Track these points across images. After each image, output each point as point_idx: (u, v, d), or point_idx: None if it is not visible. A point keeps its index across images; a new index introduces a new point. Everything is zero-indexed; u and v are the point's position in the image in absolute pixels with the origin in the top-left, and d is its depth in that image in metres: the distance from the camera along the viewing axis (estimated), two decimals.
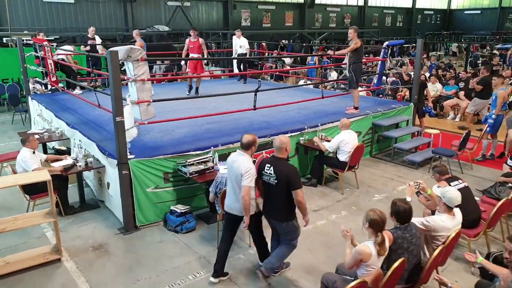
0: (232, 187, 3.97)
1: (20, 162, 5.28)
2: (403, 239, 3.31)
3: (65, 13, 17.27)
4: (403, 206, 3.35)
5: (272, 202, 3.88)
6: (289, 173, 3.74)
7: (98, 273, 4.33)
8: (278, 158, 3.87)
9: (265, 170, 3.87)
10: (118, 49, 4.98)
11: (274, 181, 3.77)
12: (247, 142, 3.95)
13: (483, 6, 34.03)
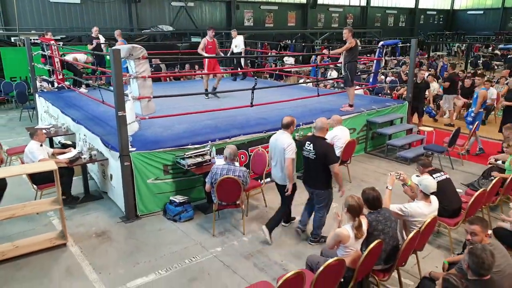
0: (276, 161, 4.81)
1: (27, 154, 5.58)
2: (377, 221, 3.60)
3: (71, 13, 17.65)
4: (371, 193, 3.64)
5: (311, 174, 4.69)
6: (326, 150, 4.51)
7: (101, 257, 4.63)
8: (318, 137, 4.62)
9: (305, 147, 4.66)
10: (120, 47, 5.28)
11: (313, 156, 4.55)
12: (287, 122, 4.82)
13: (486, 6, 34.07)
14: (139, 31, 19.57)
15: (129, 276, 4.25)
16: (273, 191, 6.37)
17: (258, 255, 4.64)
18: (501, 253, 3.19)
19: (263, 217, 5.61)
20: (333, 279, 3.18)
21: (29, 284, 4.12)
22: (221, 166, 4.99)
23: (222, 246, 4.86)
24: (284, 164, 4.64)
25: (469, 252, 2.75)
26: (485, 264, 2.68)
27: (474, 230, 3.29)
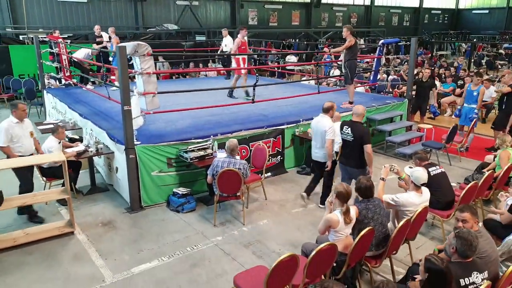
0: (317, 141, 5.58)
1: (45, 150, 5.68)
2: (367, 210, 3.77)
3: (78, 12, 17.92)
4: (364, 183, 3.81)
5: (349, 154, 5.27)
6: (362, 133, 5.13)
7: (106, 244, 4.85)
8: (355, 122, 5.23)
9: (343, 130, 5.26)
10: (126, 44, 5.49)
11: (351, 138, 5.15)
12: (327, 107, 5.54)
13: (491, 5, 33.97)
14: (144, 29, 19.80)
15: (134, 262, 4.47)
16: (273, 185, 6.61)
17: (256, 244, 4.83)
18: (487, 240, 3.34)
19: (263, 209, 5.81)
20: (325, 263, 3.37)
21: (39, 267, 4.34)
22: (222, 159, 5.18)
23: (223, 235, 5.06)
24: (325, 144, 5.39)
25: (456, 236, 2.91)
26: (472, 246, 2.85)
27: (464, 217, 3.41)
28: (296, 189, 6.48)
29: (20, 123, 5.28)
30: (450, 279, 2.57)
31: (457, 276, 2.78)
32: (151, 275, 4.23)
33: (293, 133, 7.25)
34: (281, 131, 7.05)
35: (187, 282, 4.12)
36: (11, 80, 13.03)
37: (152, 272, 4.30)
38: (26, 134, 5.35)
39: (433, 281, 2.58)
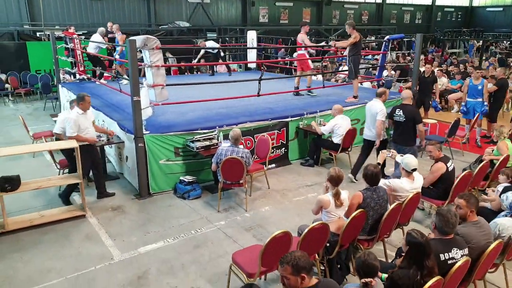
0: (369, 122, 6.35)
1: (61, 121, 5.72)
2: (371, 199, 3.91)
3: (93, 10, 18.39)
4: (371, 170, 3.97)
5: (400, 133, 6.02)
6: (414, 113, 5.93)
7: (116, 226, 5.13)
8: (405, 104, 6.06)
9: (396, 113, 6.03)
10: (135, 38, 5.76)
11: (403, 119, 5.92)
12: (380, 92, 6.41)
13: (505, 3, 33.48)
14: (156, 26, 20.19)
15: (141, 243, 4.74)
16: (276, 175, 6.83)
17: (257, 228, 5.06)
18: (483, 232, 3.42)
19: (266, 197, 6.04)
20: (318, 242, 3.57)
21: (53, 246, 4.64)
22: (226, 148, 5.42)
23: (226, 220, 5.30)
24: (374, 122, 6.16)
25: (436, 213, 3.09)
26: (449, 222, 3.01)
27: (459, 203, 3.50)
28: (299, 180, 6.69)
29: (85, 114, 5.62)
30: (428, 251, 2.75)
31: (438, 251, 2.95)
32: (156, 255, 4.50)
33: (297, 126, 7.45)
34: (285, 124, 7.25)
35: (190, 261, 4.37)
36: (28, 75, 13.50)
37: (157, 252, 4.56)
38: (90, 123, 5.72)
39: (413, 253, 2.77)
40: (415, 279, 2.69)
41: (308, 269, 2.42)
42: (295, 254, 2.47)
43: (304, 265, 2.40)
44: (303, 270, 2.40)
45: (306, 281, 2.41)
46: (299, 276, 2.40)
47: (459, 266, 2.88)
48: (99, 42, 9.84)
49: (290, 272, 2.41)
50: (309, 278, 2.43)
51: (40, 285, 3.97)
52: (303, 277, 2.40)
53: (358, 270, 2.66)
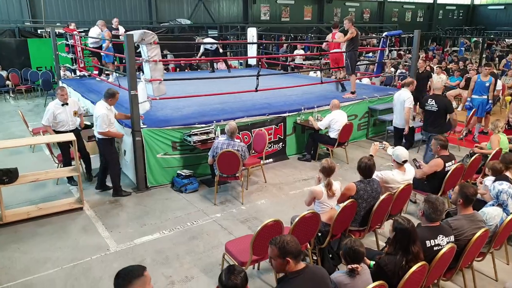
0: (397, 111, 6.88)
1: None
2: (365, 191, 3.95)
3: (94, 6, 18.43)
4: (365, 162, 3.99)
5: (432, 121, 6.40)
6: (446, 103, 6.41)
7: (112, 219, 5.19)
8: (437, 95, 6.47)
9: (428, 102, 6.40)
10: (133, 33, 5.81)
11: (435, 108, 6.30)
12: (408, 82, 6.95)
13: (507, 1, 33.35)
14: (158, 24, 20.23)
15: (137, 234, 4.80)
16: (273, 170, 6.88)
17: (253, 220, 5.11)
18: (474, 221, 3.46)
19: (262, 190, 6.09)
20: (309, 231, 3.61)
21: (50, 237, 4.71)
22: (222, 141, 5.47)
23: (222, 212, 5.36)
24: (404, 112, 6.68)
25: (425, 200, 3.14)
26: (437, 210, 3.07)
27: (455, 190, 3.57)
28: (295, 174, 6.74)
29: (110, 109, 5.72)
30: (414, 237, 2.80)
31: (424, 238, 3.00)
32: (152, 245, 4.55)
33: (294, 121, 7.49)
34: (283, 119, 7.29)
35: (185, 252, 4.43)
36: (29, 72, 13.58)
37: (153, 243, 4.62)
38: (113, 117, 5.82)
39: (399, 238, 2.81)
40: (401, 264, 2.73)
41: (295, 254, 2.46)
42: (284, 237, 2.51)
43: (291, 250, 2.44)
44: (289, 255, 2.43)
45: (291, 265, 2.44)
46: (284, 260, 2.44)
47: (444, 252, 2.93)
48: (94, 37, 9.83)
49: (276, 254, 2.45)
50: (295, 263, 2.46)
51: (37, 274, 4.03)
52: (288, 261, 2.44)
53: (345, 256, 2.71)
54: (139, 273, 2.20)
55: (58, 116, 5.83)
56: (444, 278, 3.38)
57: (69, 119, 5.98)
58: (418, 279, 2.81)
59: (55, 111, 5.81)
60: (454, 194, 3.52)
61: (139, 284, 2.17)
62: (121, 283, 2.16)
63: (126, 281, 2.16)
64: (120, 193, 5.83)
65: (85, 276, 4.01)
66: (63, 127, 5.92)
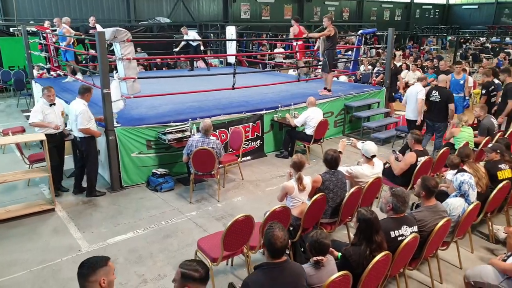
0: (409, 104, 7.18)
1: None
2: (330, 181, 4.04)
3: (69, 4, 18.06)
4: (331, 154, 4.09)
5: (436, 112, 6.89)
6: (448, 94, 6.92)
7: (85, 219, 5.11)
8: (441, 87, 6.95)
9: (432, 93, 6.91)
10: (105, 30, 5.73)
11: (438, 99, 6.82)
12: (421, 77, 7.56)
13: (480, 1, 34.31)
14: (136, 22, 19.98)
15: (110, 234, 4.74)
16: (251, 167, 6.90)
17: (228, 217, 5.10)
18: (437, 212, 3.55)
19: (239, 188, 6.10)
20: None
21: (20, 240, 4.60)
22: (197, 139, 5.46)
23: (197, 210, 5.34)
24: (416, 103, 7.00)
25: (392, 194, 3.21)
26: (405, 202, 3.18)
27: (418, 183, 3.65)
28: (273, 171, 6.77)
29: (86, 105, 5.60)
30: (377, 227, 2.87)
31: (389, 228, 3.07)
32: (125, 245, 4.51)
33: (272, 119, 7.52)
34: (260, 117, 7.32)
35: (159, 250, 4.40)
36: (1, 72, 13.22)
37: (126, 242, 4.57)
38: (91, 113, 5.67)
39: (363, 228, 2.87)
40: (365, 254, 2.79)
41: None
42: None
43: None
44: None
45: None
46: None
47: (407, 242, 3.00)
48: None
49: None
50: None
51: (3, 278, 3.93)
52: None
53: (310, 249, 2.74)
54: (103, 263, 2.23)
55: (46, 117, 5.51)
56: (409, 267, 3.46)
57: (58, 120, 5.65)
58: (382, 268, 2.87)
59: (44, 110, 5.52)
60: (417, 186, 3.62)
61: (102, 273, 2.19)
62: (85, 272, 2.18)
63: (90, 270, 2.18)
64: (94, 193, 5.75)
65: (54, 277, 3.93)
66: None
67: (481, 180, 4.26)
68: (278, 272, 2.54)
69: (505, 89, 7.00)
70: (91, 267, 2.19)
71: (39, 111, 5.50)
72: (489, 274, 3.23)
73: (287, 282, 2.54)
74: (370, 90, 9.12)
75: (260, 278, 2.54)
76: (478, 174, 4.27)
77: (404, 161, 5.01)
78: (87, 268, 2.20)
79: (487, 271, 3.25)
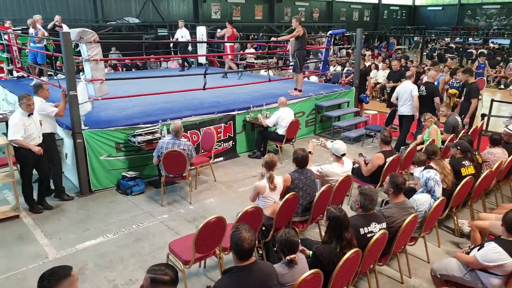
0: (404, 100, 7.40)
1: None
2: (299, 180, 4.10)
3: (33, 4, 17.44)
4: (300, 153, 4.15)
5: (424, 105, 7.22)
6: (434, 89, 7.47)
7: (52, 225, 4.95)
8: (428, 82, 7.58)
9: (420, 88, 7.39)
10: (70, 31, 5.58)
11: (425, 93, 7.35)
12: (409, 75, 7.72)
13: (444, 2, 35.66)
14: (104, 22, 19.54)
15: (79, 240, 4.61)
16: (224, 168, 6.88)
17: (201, 219, 5.05)
18: (404, 208, 3.65)
19: (211, 189, 6.07)
20: (252, 225, 3.62)
21: None
22: (167, 141, 5.39)
23: (169, 213, 5.28)
24: (411, 100, 7.30)
25: (360, 193, 3.28)
26: (373, 200, 3.26)
27: (386, 181, 3.75)
28: (245, 171, 6.78)
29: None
30: (346, 224, 2.93)
31: (358, 226, 3.14)
32: (94, 250, 4.40)
33: (244, 119, 7.53)
34: (232, 117, 7.30)
35: (130, 254, 4.32)
36: None
37: (96, 247, 4.47)
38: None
39: (332, 225, 2.93)
40: (336, 251, 2.84)
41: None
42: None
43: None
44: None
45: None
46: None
47: (376, 238, 3.07)
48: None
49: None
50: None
51: None
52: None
53: (282, 249, 2.76)
54: (66, 273, 2.13)
55: (27, 129, 4.91)
56: (379, 263, 3.55)
57: (38, 131, 5.12)
58: (352, 265, 2.93)
59: (24, 122, 4.90)
60: (385, 184, 3.71)
61: (66, 284, 2.10)
62: (47, 285, 2.08)
63: (52, 282, 2.08)
64: (63, 196, 5.58)
65: (20, 287, 3.79)
66: (33, 140, 5.00)
67: (447, 177, 4.41)
68: (246, 275, 2.53)
69: (468, 88, 7.25)
70: (54, 279, 2.09)
71: (20, 126, 4.85)
72: (453, 267, 3.35)
73: (256, 284, 2.53)
74: (340, 90, 9.28)
75: (227, 283, 2.53)
76: (445, 171, 4.42)
77: (372, 163, 5.11)
78: (48, 281, 2.09)
79: (452, 264, 3.38)
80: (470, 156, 4.87)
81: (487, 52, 19.84)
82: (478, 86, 7.36)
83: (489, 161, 5.22)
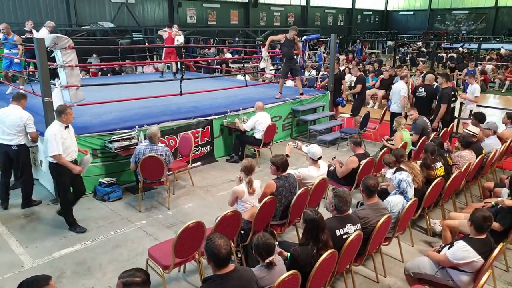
0: (394, 99, 8.07)
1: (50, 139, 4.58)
2: (283, 187, 4.19)
3: (3, 7, 17.00)
4: (281, 158, 4.24)
5: (421, 107, 7.46)
6: (433, 91, 7.82)
7: (28, 233, 4.87)
8: (427, 84, 7.94)
9: (418, 90, 7.92)
10: (44, 37, 5.51)
11: (424, 95, 7.77)
12: (403, 75, 8.28)
13: (415, 8, 36.87)
14: (78, 27, 19.20)
15: (55, 247, 4.56)
16: (202, 173, 6.92)
17: (179, 224, 5.07)
18: (378, 209, 3.79)
19: (189, 194, 6.09)
20: (231, 229, 3.71)
21: None
22: (144, 146, 5.39)
23: (147, 219, 5.28)
24: (400, 99, 7.90)
25: (334, 195, 3.40)
26: (347, 201, 3.38)
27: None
28: (223, 176, 6.83)
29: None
30: (322, 226, 3.03)
31: (334, 227, 3.26)
32: (72, 257, 4.36)
33: (221, 124, 7.59)
34: (209, 122, 7.35)
35: (108, 261, 4.30)
36: None
37: (74, 254, 4.43)
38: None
39: (309, 228, 3.03)
40: (312, 253, 2.94)
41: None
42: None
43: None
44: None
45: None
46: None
47: (352, 239, 3.20)
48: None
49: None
50: None
51: None
52: None
53: (260, 252, 2.83)
54: (44, 282, 2.13)
55: (64, 142, 4.62)
56: (355, 263, 3.68)
57: (73, 145, 4.89)
58: (329, 265, 3.04)
59: (62, 135, 4.61)
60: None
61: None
62: None
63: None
64: (31, 203, 5.54)
65: None
66: (70, 156, 4.75)
67: (417, 177, 4.60)
68: (226, 283, 2.54)
69: (441, 93, 7.49)
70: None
71: (58, 139, 4.52)
72: (425, 265, 3.50)
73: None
74: (315, 94, 9.46)
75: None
76: (414, 171, 4.61)
77: (346, 166, 5.27)
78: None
79: (424, 263, 3.53)
80: (440, 158, 5.09)
81: (457, 56, 20.60)
82: (449, 92, 7.59)
83: (459, 163, 5.46)
